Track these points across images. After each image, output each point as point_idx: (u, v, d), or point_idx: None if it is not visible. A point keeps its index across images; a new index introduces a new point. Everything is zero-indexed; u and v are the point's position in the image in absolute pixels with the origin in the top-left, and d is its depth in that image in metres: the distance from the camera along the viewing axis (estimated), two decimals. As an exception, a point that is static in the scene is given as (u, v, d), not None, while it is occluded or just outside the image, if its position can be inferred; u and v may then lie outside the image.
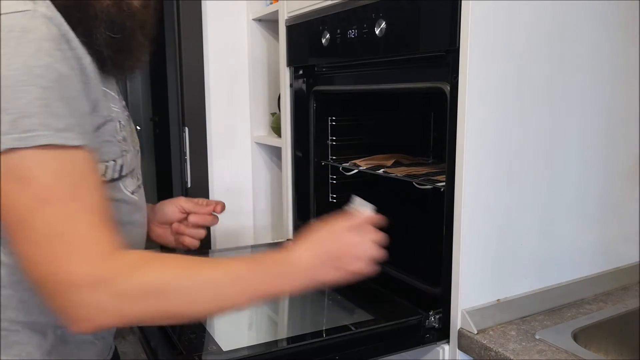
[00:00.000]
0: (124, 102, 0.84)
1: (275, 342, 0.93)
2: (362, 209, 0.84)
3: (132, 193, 0.81)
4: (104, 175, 0.73)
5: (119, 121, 0.77)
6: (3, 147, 0.59)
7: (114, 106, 0.77)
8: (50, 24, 0.63)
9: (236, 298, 0.72)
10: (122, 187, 0.78)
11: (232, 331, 1.01)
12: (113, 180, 0.76)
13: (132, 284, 0.65)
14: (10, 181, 0.60)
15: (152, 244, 0.98)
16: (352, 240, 0.78)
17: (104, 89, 0.75)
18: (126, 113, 0.83)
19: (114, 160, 0.75)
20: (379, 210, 0.84)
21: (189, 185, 1.89)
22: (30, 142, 0.59)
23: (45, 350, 0.74)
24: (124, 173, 0.78)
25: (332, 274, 0.76)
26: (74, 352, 0.78)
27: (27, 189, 0.61)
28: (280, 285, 0.75)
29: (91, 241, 0.64)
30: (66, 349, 0.77)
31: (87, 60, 0.69)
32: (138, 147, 0.89)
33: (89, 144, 0.65)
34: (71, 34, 0.67)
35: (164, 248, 1.04)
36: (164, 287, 0.67)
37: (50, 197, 0.62)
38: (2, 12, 0.61)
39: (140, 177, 0.86)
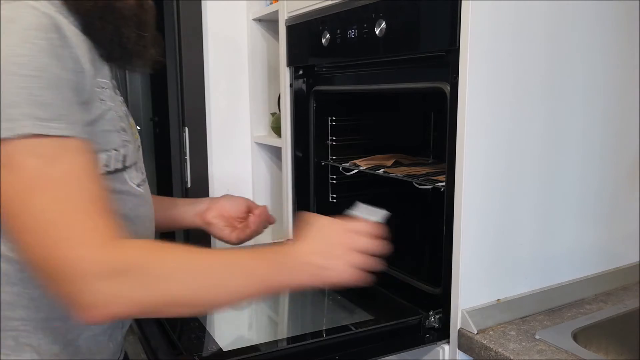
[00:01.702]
0: (121, 98, 0.84)
1: (275, 342, 0.93)
2: (364, 216, 0.84)
3: (138, 186, 0.81)
4: (107, 165, 0.73)
5: (116, 112, 0.77)
6: None
7: (112, 98, 0.78)
8: (37, 13, 0.63)
9: (243, 285, 0.72)
10: (127, 178, 0.78)
11: (232, 331, 1.01)
12: (117, 170, 0.76)
13: (143, 269, 0.65)
14: (3, 169, 0.61)
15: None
16: (345, 243, 0.77)
17: (102, 80, 0.75)
18: (124, 108, 0.83)
19: (115, 150, 0.75)
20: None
21: (189, 185, 1.89)
22: (16, 131, 0.60)
23: (56, 352, 0.74)
24: (127, 164, 0.78)
25: (326, 273, 0.76)
26: (85, 354, 0.78)
27: (17, 177, 0.61)
28: (282, 275, 0.75)
29: (88, 227, 0.63)
30: (77, 351, 0.77)
31: (81, 51, 0.68)
32: (139, 143, 0.89)
33: (79, 134, 0.65)
34: (65, 25, 0.67)
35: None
36: (175, 271, 0.67)
37: (40, 185, 0.62)
38: None
39: (144, 171, 0.87)
